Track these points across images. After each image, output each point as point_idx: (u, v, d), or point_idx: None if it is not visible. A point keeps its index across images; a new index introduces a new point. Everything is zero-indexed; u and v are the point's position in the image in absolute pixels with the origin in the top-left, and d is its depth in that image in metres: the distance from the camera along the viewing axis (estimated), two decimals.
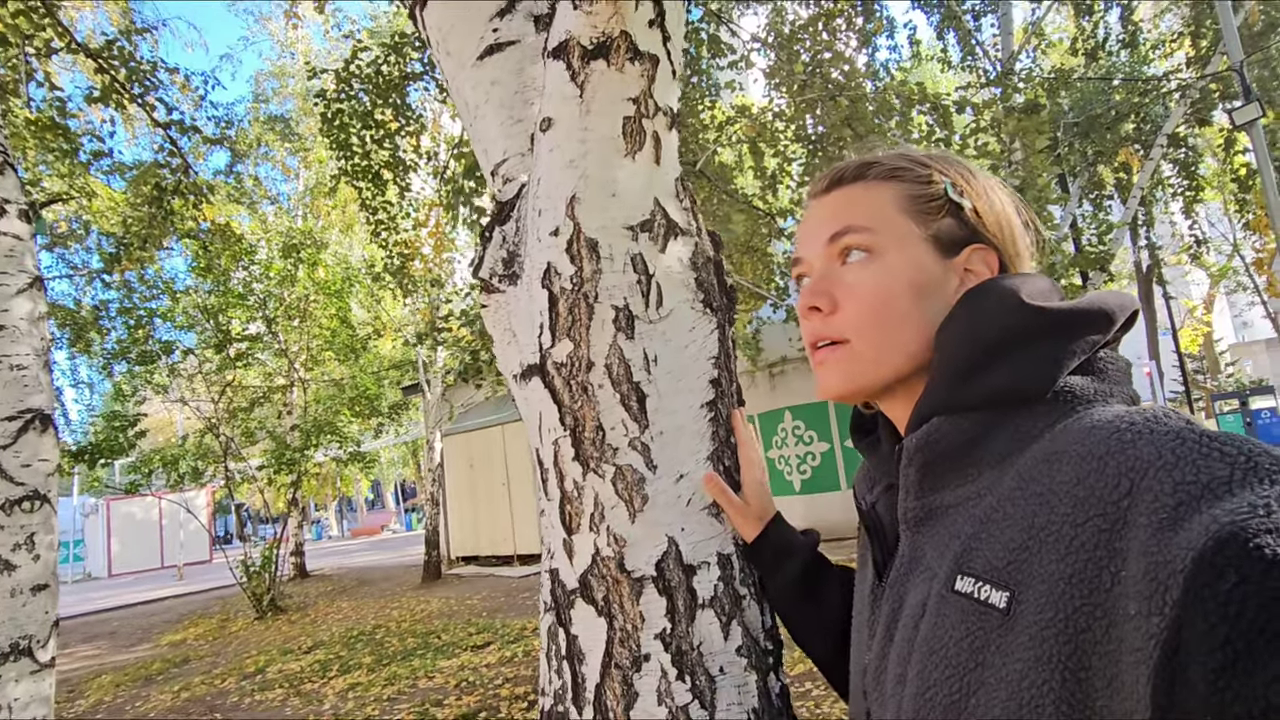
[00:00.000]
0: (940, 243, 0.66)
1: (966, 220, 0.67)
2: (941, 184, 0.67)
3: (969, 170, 0.70)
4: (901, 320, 0.66)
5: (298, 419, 12.24)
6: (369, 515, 38.14)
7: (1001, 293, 0.62)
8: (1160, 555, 0.41)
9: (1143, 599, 0.41)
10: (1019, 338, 0.59)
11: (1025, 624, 0.48)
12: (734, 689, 0.93)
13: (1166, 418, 0.49)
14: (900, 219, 0.67)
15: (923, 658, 0.56)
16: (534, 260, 0.99)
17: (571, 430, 0.96)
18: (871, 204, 0.68)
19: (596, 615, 0.96)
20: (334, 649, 7.44)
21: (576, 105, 0.95)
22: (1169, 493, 0.43)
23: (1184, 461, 0.44)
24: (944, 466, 0.60)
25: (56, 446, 3.08)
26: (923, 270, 0.66)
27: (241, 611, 10.77)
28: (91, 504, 25.88)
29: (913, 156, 0.70)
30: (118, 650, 9.51)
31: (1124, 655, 0.43)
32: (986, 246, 0.67)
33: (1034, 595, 0.48)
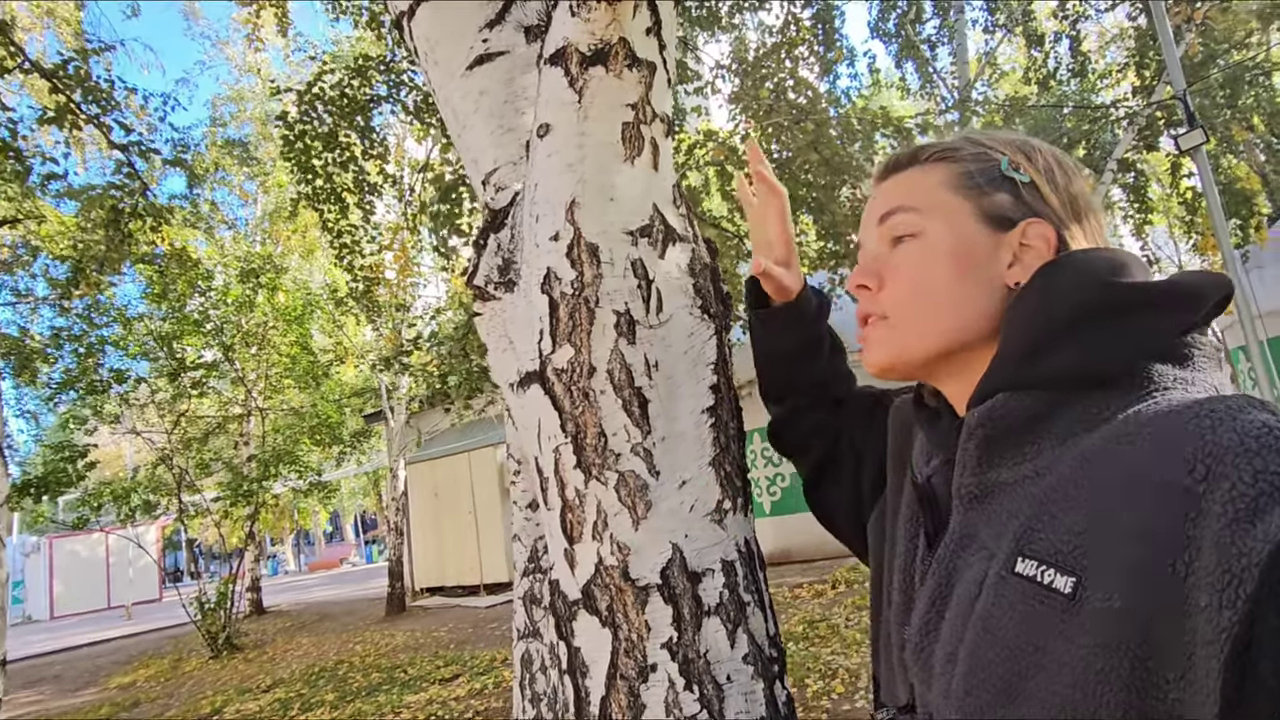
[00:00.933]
0: (991, 217, 0.65)
1: (1023, 196, 0.66)
2: (998, 160, 0.67)
3: (1034, 148, 0.69)
4: (943, 294, 0.65)
5: (255, 449, 11.92)
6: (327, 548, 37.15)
7: (1080, 267, 0.60)
8: (1236, 547, 0.40)
9: (1215, 591, 0.40)
10: (1094, 315, 0.57)
11: (1092, 610, 0.47)
12: (741, 697, 0.92)
13: (1250, 405, 0.48)
14: (948, 196, 0.67)
15: (977, 636, 0.54)
16: (532, 266, 0.98)
17: (573, 437, 0.94)
18: (921, 184, 0.68)
19: (601, 626, 0.93)
20: (294, 687, 7.18)
21: (575, 111, 0.95)
22: (1249, 481, 0.42)
23: (1267, 450, 0.42)
24: (1005, 443, 0.58)
25: (6, 477, 2.95)
26: (968, 244, 0.65)
27: (195, 651, 10.35)
28: (33, 543, 24.78)
29: (972, 137, 0.70)
30: (63, 695, 9.05)
31: (1197, 648, 0.41)
32: (1043, 221, 0.65)
33: (1102, 582, 0.47)
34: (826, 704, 4.24)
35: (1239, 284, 4.42)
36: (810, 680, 4.63)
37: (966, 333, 0.65)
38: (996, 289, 0.64)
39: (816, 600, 6.98)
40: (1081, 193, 0.68)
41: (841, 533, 0.93)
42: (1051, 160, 0.68)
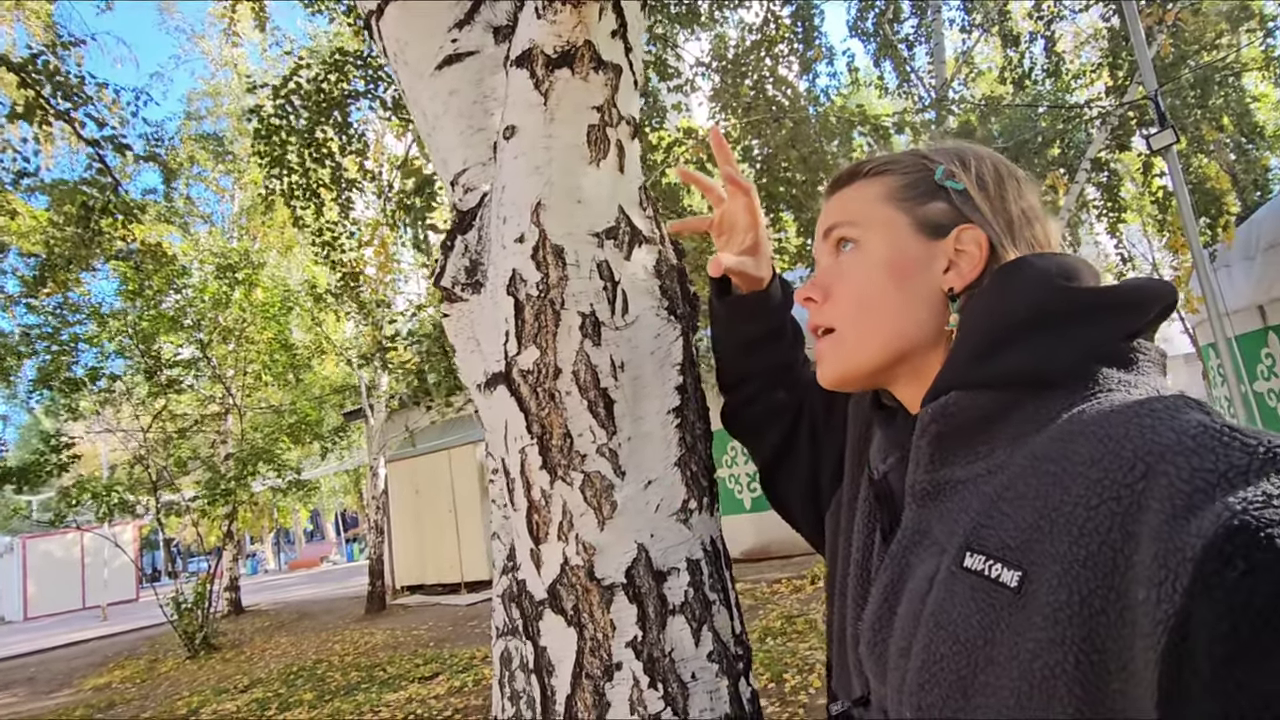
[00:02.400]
0: (926, 226, 0.68)
1: (957, 203, 0.68)
2: (934, 170, 0.69)
3: (972, 156, 0.70)
4: (883, 304, 0.67)
5: (233, 448, 11.80)
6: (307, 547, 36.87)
7: (1033, 271, 0.62)
8: (1172, 542, 0.41)
9: (1153, 585, 0.42)
10: (1046, 318, 0.59)
11: (1038, 604, 0.48)
12: (706, 695, 0.93)
13: (1188, 407, 0.49)
14: (885, 208, 0.69)
15: (929, 632, 0.55)
16: (499, 267, 0.99)
17: (539, 438, 0.95)
18: (860, 199, 0.71)
19: (566, 625, 0.94)
20: (273, 686, 7.13)
21: (541, 113, 0.95)
22: (1185, 479, 0.43)
23: (1203, 449, 0.44)
24: (957, 441, 0.60)
25: None
26: (903, 254, 0.67)
27: (172, 651, 10.25)
28: (5, 543, 24.36)
29: (917, 150, 0.73)
30: (36, 697, 8.93)
31: (1136, 640, 0.43)
32: (975, 227, 0.66)
33: (1047, 576, 0.48)
34: (804, 699, 4.28)
35: (1208, 282, 4.49)
36: (788, 675, 4.67)
37: (908, 339, 0.67)
38: (935, 295, 0.67)
39: (795, 595, 7.03)
40: (1018, 199, 0.70)
41: (798, 523, 0.94)
42: (988, 168, 0.70)
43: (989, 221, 0.67)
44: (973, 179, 0.68)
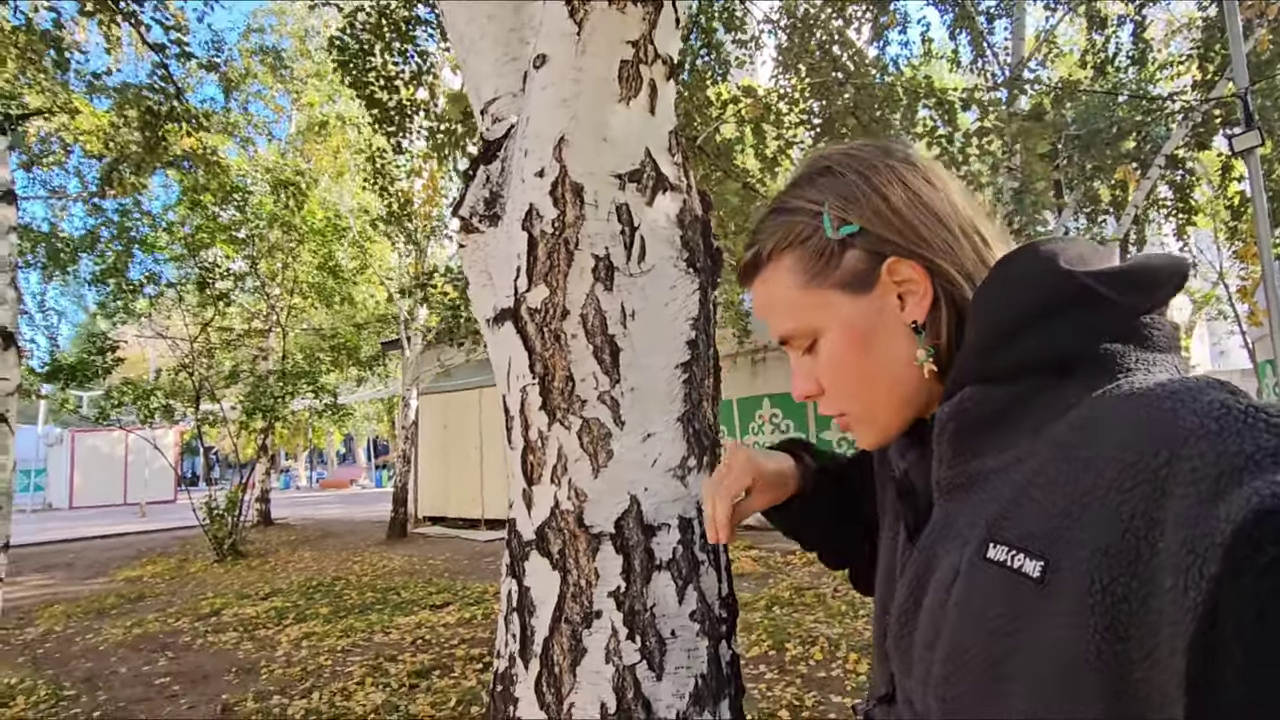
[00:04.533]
0: (855, 284, 0.65)
1: (863, 246, 0.65)
2: (821, 226, 0.65)
3: (850, 189, 0.66)
4: (869, 377, 0.66)
5: (274, 365, 12.10)
6: (339, 469, 37.97)
7: (1034, 259, 0.60)
8: (1199, 527, 0.40)
9: (1180, 572, 0.40)
10: (1053, 304, 0.57)
11: (1061, 593, 0.47)
12: (684, 653, 0.92)
13: (1210, 386, 0.48)
14: (809, 294, 0.66)
15: (954, 624, 0.55)
16: (516, 201, 0.96)
17: (540, 378, 0.93)
18: (783, 298, 0.68)
19: (551, 569, 0.94)
20: (291, 597, 7.41)
21: (573, 43, 0.91)
22: (1211, 462, 0.42)
23: (1228, 431, 0.43)
24: (977, 436, 0.59)
25: (18, 366, 3.01)
26: (855, 325, 0.65)
27: (201, 553, 10.68)
28: (56, 434, 25.54)
29: (786, 206, 0.68)
30: (73, 582, 9.42)
31: (1161, 628, 0.42)
32: (897, 260, 0.64)
33: (1069, 565, 0.47)
34: (803, 669, 4.31)
35: (1275, 295, 4.27)
36: (790, 645, 4.70)
37: (911, 383, 0.66)
38: (906, 334, 0.65)
39: (807, 568, 7.05)
40: (909, 203, 0.66)
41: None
42: (873, 190, 0.66)
43: (904, 242, 0.64)
44: (864, 215, 0.65)
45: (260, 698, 4.62)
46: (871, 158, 0.67)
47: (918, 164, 0.68)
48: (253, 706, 4.48)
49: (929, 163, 0.70)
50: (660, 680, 0.90)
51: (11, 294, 2.99)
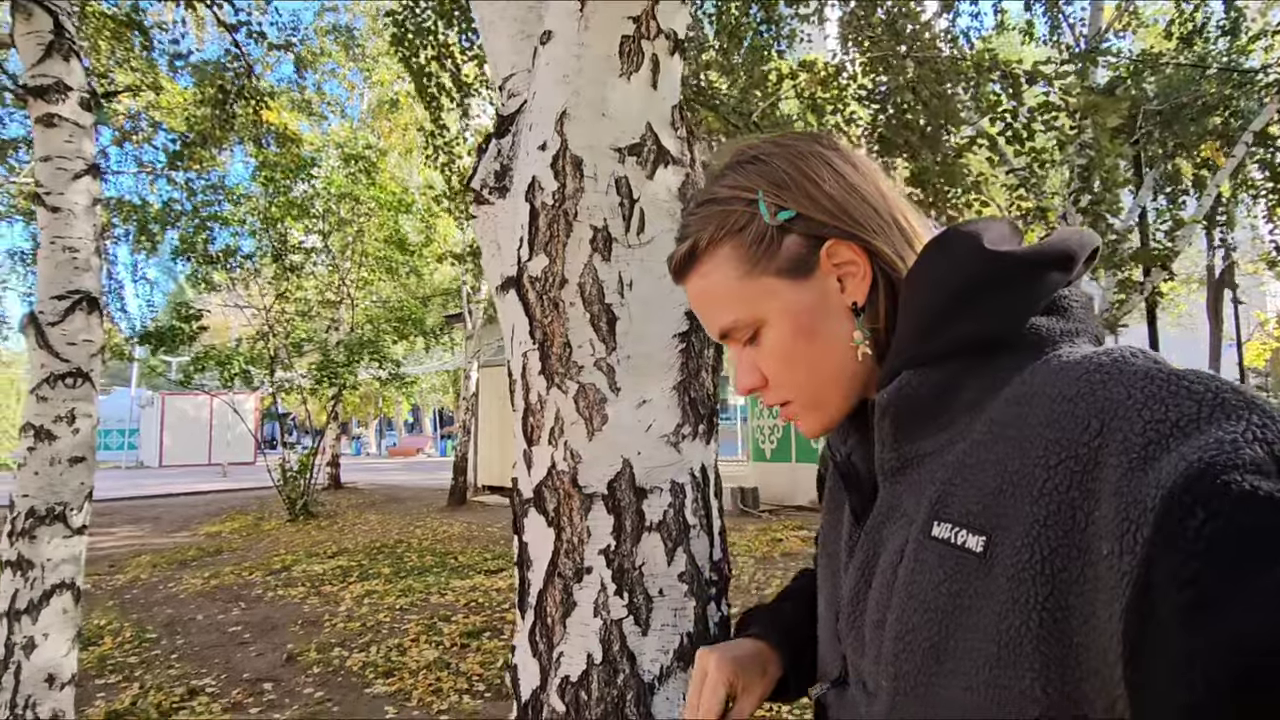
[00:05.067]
0: (795, 269, 0.65)
1: (800, 230, 0.65)
2: (757, 211, 0.65)
3: (782, 174, 0.66)
4: (815, 363, 0.66)
5: (344, 335, 12.56)
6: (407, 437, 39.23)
7: (961, 242, 0.61)
8: (1131, 495, 0.42)
9: (1115, 538, 0.42)
10: (983, 285, 0.59)
11: (1003, 567, 0.49)
12: (670, 611, 0.96)
13: (1134, 357, 0.49)
14: (750, 283, 0.66)
15: (902, 602, 0.57)
16: (522, 173, 1.00)
17: (540, 344, 0.98)
18: (723, 289, 0.67)
19: (546, 525, 0.98)
20: (356, 557, 7.77)
21: (576, 20, 0.94)
22: (1139, 432, 0.43)
23: (1154, 400, 0.44)
24: (917, 418, 0.60)
25: (102, 328, 3.23)
26: (798, 312, 0.65)
27: (275, 513, 11.26)
28: (148, 396, 27.12)
29: (720, 196, 0.67)
30: (159, 534, 10.07)
31: (1099, 594, 0.43)
32: (835, 240, 0.64)
33: (1010, 538, 0.49)
34: None
35: None
36: None
37: (855, 365, 0.66)
38: (847, 316, 0.65)
39: None
40: (833, 177, 0.66)
41: None
42: (803, 176, 0.65)
43: (841, 224, 0.65)
44: (799, 199, 0.65)
45: (322, 649, 4.88)
46: (798, 144, 0.68)
47: (843, 151, 0.69)
48: (315, 656, 4.75)
49: (854, 151, 0.70)
50: (646, 635, 0.94)
51: (96, 261, 3.20)
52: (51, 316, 3.00)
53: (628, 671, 0.93)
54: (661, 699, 0.93)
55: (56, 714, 2.89)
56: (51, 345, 2.97)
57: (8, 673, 2.83)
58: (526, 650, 0.99)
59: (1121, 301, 5.39)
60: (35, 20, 3.13)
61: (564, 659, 0.95)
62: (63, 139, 3.10)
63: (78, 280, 3.06)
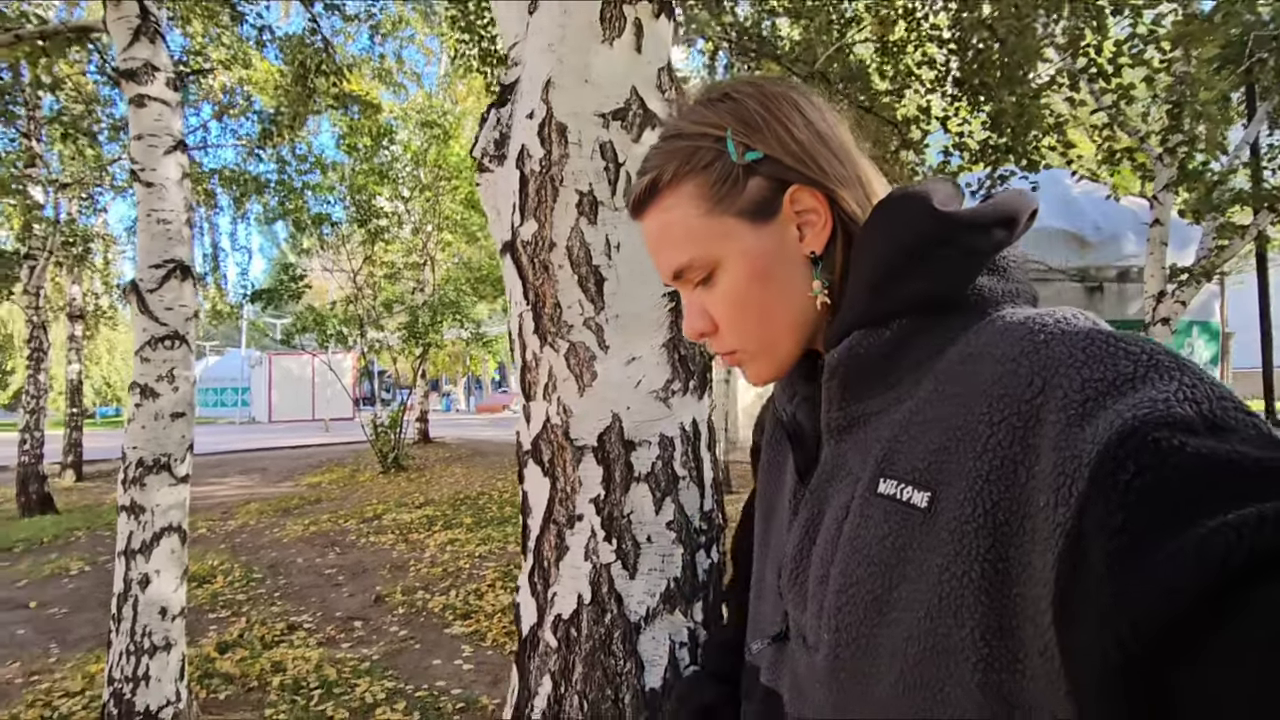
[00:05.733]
0: (757, 212, 0.64)
1: (767, 172, 0.64)
2: (725, 150, 0.64)
3: (752, 114, 0.65)
4: (768, 309, 0.66)
5: (428, 296, 13.00)
6: (494, 394, 40.42)
7: (912, 202, 0.62)
8: (1069, 450, 0.44)
9: (1052, 491, 0.44)
10: (932, 245, 0.60)
11: (946, 521, 0.51)
12: (658, 557, 1.01)
13: (1074, 317, 0.51)
14: (710, 222, 0.65)
15: (845, 557, 0.58)
16: (515, 142, 1.04)
17: (533, 305, 1.03)
18: (682, 226, 0.66)
19: (542, 475, 1.05)
20: (441, 508, 8.16)
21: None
22: (1078, 389, 0.45)
23: (1093, 360, 0.46)
24: (865, 378, 0.62)
25: (196, 295, 3.49)
26: (756, 255, 0.65)
27: (370, 465, 11.91)
28: (256, 356, 28.88)
29: (684, 131, 0.66)
30: (267, 484, 10.84)
31: (1035, 544, 0.45)
32: (800, 187, 0.64)
33: (954, 493, 0.51)
34: None
35: None
36: None
37: (809, 313, 0.66)
38: (804, 265, 0.65)
39: None
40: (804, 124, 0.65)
41: None
42: (774, 119, 0.65)
43: (807, 169, 0.64)
44: (769, 141, 0.64)
45: (407, 591, 5.20)
46: (771, 87, 0.67)
47: (815, 99, 0.69)
48: (400, 598, 5.07)
49: (825, 101, 0.70)
50: (633, 579, 1.00)
51: (188, 232, 3.45)
52: (150, 284, 3.27)
53: (615, 611, 0.99)
54: (648, 638, 0.99)
55: (170, 641, 3.22)
56: (151, 311, 3.24)
57: (127, 604, 3.18)
58: (527, 590, 1.07)
59: (1223, 247, 5.00)
60: (124, 6, 3.35)
61: (557, 598, 1.02)
62: (153, 118, 3.33)
63: (172, 250, 3.31)
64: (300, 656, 4.05)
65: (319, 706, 3.49)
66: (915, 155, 5.64)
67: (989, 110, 4.50)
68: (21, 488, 8.87)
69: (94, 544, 7.01)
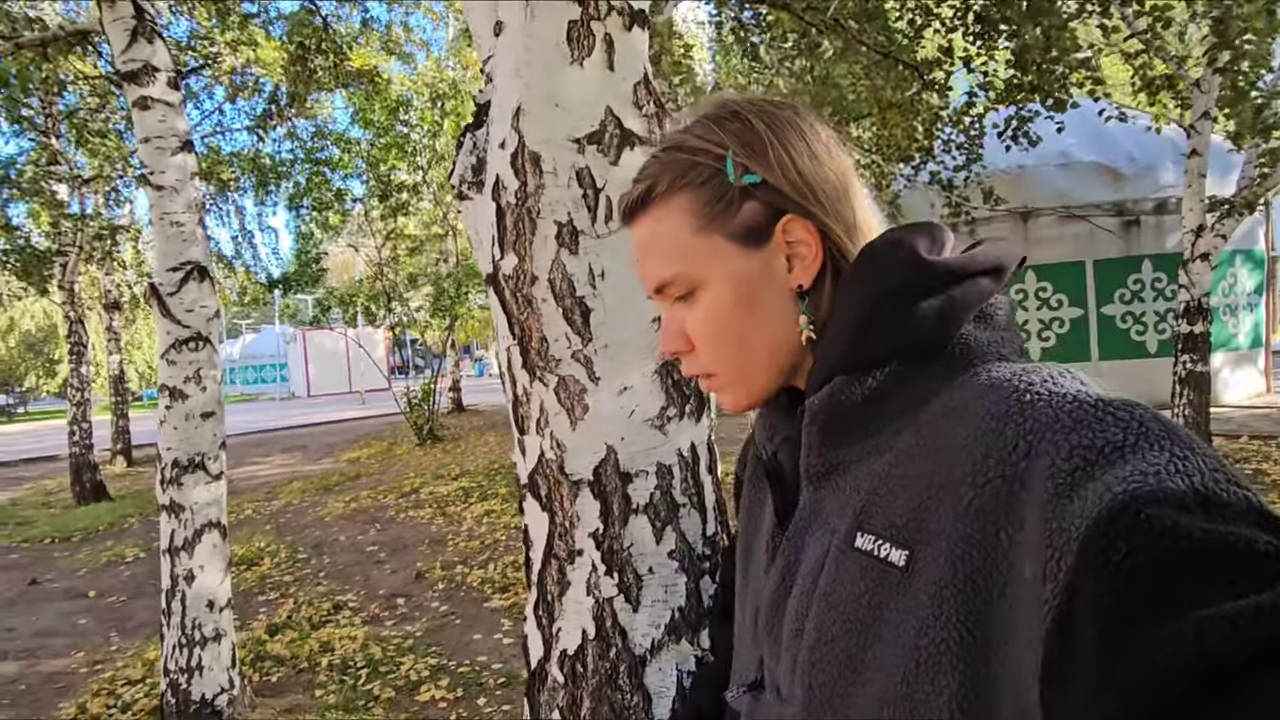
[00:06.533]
0: (748, 236, 0.63)
1: (763, 198, 0.62)
2: (723, 168, 0.62)
3: (757, 136, 0.63)
4: (747, 336, 0.64)
5: (452, 267, 13.04)
6: None
7: (898, 249, 0.60)
8: (1056, 521, 0.42)
9: (1038, 563, 0.43)
10: (917, 292, 0.58)
11: (924, 582, 0.50)
12: (661, 588, 1.00)
13: (1062, 377, 0.49)
14: (699, 241, 0.64)
15: (821, 612, 0.57)
16: (490, 171, 1.01)
17: (519, 340, 1.00)
18: (670, 239, 0.65)
19: (540, 510, 1.04)
20: (477, 479, 8.30)
21: (522, 9, 0.92)
22: (1065, 456, 0.44)
23: (1080, 425, 0.45)
24: (846, 425, 0.60)
25: (215, 294, 3.53)
26: (742, 280, 0.63)
27: (406, 438, 12.12)
28: (291, 333, 29.40)
29: (683, 144, 0.65)
30: (308, 462, 11.11)
31: (1018, 615, 0.44)
32: (794, 217, 0.62)
33: (933, 554, 0.49)
34: None
35: None
36: None
37: (789, 346, 0.65)
38: (789, 297, 0.64)
39: None
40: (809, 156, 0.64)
41: None
42: (778, 144, 0.63)
43: (803, 200, 0.62)
44: (770, 166, 0.62)
45: (446, 566, 5.33)
46: (779, 112, 0.65)
47: (821, 128, 0.67)
48: (440, 573, 5.19)
49: (832, 130, 0.67)
50: (637, 612, 0.99)
51: (200, 232, 3.46)
52: (169, 288, 3.30)
53: (620, 645, 0.98)
54: (654, 670, 0.99)
55: (220, 632, 3.34)
56: (172, 314, 3.27)
57: (175, 599, 3.30)
58: (533, 622, 1.06)
59: (1266, 175, 4.76)
60: (118, 7, 3.31)
61: (562, 633, 1.01)
62: (157, 119, 3.32)
63: (187, 251, 3.33)
64: (347, 636, 4.18)
65: (366, 686, 3.61)
66: (939, 98, 5.42)
67: (1014, 46, 4.30)
68: (75, 477, 9.23)
69: (147, 530, 7.28)
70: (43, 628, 4.83)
